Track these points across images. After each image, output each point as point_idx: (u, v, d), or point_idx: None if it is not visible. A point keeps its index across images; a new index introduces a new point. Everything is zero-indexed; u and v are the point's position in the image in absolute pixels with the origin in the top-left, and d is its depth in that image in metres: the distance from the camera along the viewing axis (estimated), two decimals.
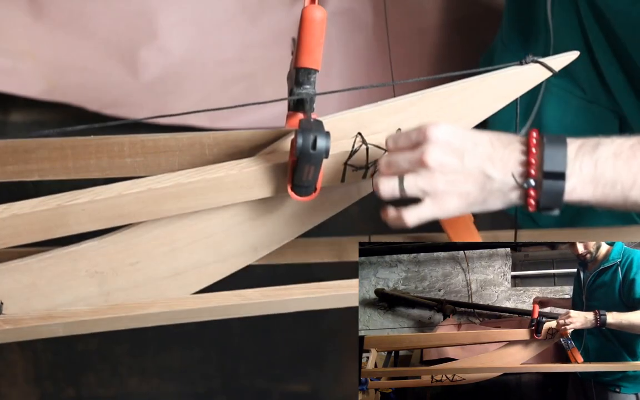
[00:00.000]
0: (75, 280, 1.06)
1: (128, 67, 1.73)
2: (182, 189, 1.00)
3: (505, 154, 0.92)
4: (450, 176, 0.93)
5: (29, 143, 1.06)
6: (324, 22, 1.00)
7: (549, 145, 0.90)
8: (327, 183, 1.04)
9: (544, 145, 0.91)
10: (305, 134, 0.95)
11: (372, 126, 1.04)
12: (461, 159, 0.92)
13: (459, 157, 0.92)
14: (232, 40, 1.76)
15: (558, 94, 1.34)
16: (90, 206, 0.98)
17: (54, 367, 2.04)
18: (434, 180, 0.93)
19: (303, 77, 1.02)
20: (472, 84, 1.06)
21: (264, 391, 2.09)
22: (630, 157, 0.90)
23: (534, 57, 1.05)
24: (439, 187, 0.93)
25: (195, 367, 2.07)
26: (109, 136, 1.05)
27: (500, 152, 0.92)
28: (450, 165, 0.92)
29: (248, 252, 1.09)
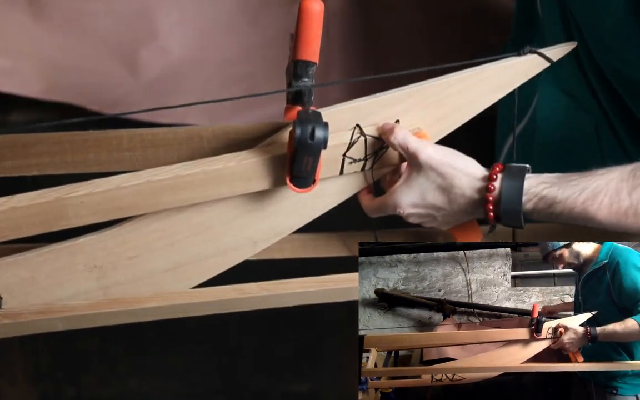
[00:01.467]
0: (74, 274, 1.05)
1: (128, 67, 1.73)
2: (180, 181, 1.00)
3: (467, 210, 1.08)
4: (433, 223, 1.11)
5: (28, 138, 1.06)
6: (321, 15, 1.00)
7: (505, 207, 1.05)
8: (326, 175, 1.04)
9: (500, 207, 1.05)
10: (303, 124, 0.95)
11: (371, 117, 1.05)
12: (432, 217, 1.09)
13: (431, 217, 1.09)
14: (232, 40, 1.76)
15: (548, 92, 1.35)
16: (89, 199, 0.98)
17: (54, 367, 2.04)
18: (424, 225, 1.11)
19: (301, 69, 1.02)
20: (470, 75, 1.06)
21: (264, 391, 2.09)
22: (581, 211, 1.03)
23: (531, 48, 1.05)
24: (428, 226, 1.11)
25: (195, 367, 2.06)
26: (108, 130, 1.05)
27: (460, 211, 1.08)
28: (429, 221, 1.10)
29: (247, 245, 1.09)
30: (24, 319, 1.00)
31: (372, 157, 1.07)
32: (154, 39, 1.73)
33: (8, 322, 1.00)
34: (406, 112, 1.05)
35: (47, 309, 1.01)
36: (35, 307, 1.02)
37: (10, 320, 1.00)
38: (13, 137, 1.06)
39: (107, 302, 1.03)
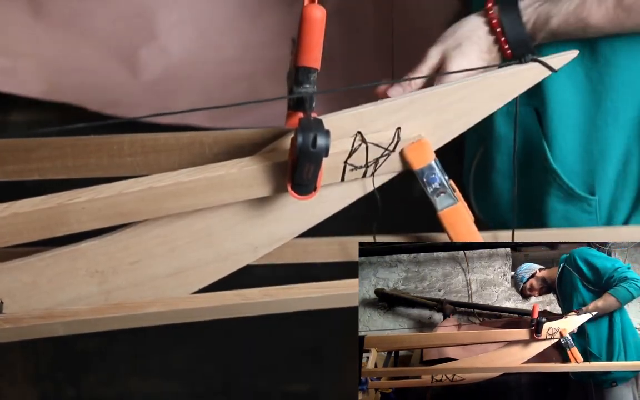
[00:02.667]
0: (75, 279, 1.05)
1: (128, 67, 1.73)
2: (182, 187, 1.00)
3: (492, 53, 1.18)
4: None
5: (29, 142, 1.06)
6: (323, 21, 1.00)
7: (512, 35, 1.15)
8: (327, 182, 1.04)
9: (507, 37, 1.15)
10: (305, 132, 0.95)
11: (372, 125, 1.04)
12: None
13: None
14: (232, 40, 1.76)
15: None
16: (91, 205, 0.98)
17: (54, 367, 2.04)
18: None
19: (303, 76, 1.02)
20: (472, 82, 1.06)
21: (264, 391, 2.09)
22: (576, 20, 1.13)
23: (533, 56, 1.05)
24: None
25: (195, 367, 2.07)
26: (109, 135, 1.05)
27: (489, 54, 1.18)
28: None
29: (248, 251, 1.09)
30: (25, 323, 1.00)
31: (373, 164, 1.06)
32: (154, 39, 1.73)
33: (9, 327, 1.00)
34: (408, 119, 1.05)
35: (48, 313, 1.01)
36: (36, 311, 1.02)
37: (12, 325, 1.00)
38: (15, 141, 1.06)
39: (109, 307, 1.03)
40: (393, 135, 1.05)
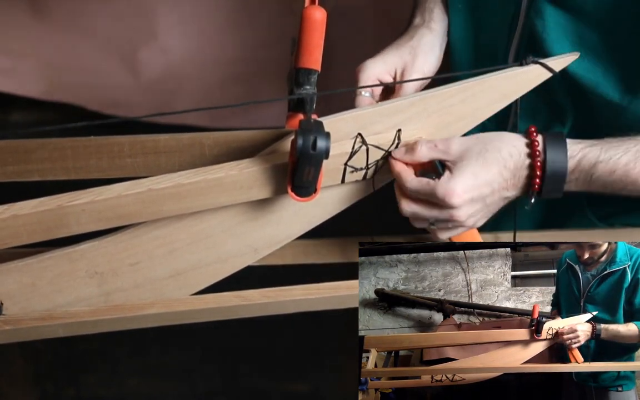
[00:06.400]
0: (75, 280, 1.05)
1: (128, 67, 1.73)
2: (182, 189, 1.00)
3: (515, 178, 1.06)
4: (477, 216, 1.06)
5: (29, 144, 1.06)
6: (324, 22, 1.00)
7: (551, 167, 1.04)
8: (327, 184, 1.04)
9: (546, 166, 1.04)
10: (305, 134, 0.94)
11: (372, 127, 1.04)
12: (483, 202, 1.05)
13: (482, 202, 1.05)
14: (232, 40, 1.76)
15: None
16: (91, 207, 0.98)
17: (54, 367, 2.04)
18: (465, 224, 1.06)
19: (303, 77, 1.02)
20: (472, 85, 1.06)
21: (264, 391, 2.09)
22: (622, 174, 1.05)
23: (533, 58, 1.05)
24: (469, 224, 1.07)
25: (195, 367, 2.07)
26: (109, 136, 1.05)
27: (511, 179, 1.05)
28: (476, 212, 1.06)
29: (248, 252, 1.09)
30: (25, 325, 1.00)
31: (373, 166, 1.06)
32: (154, 39, 1.73)
33: (9, 329, 1.00)
34: (408, 121, 1.05)
35: (48, 315, 1.01)
36: (36, 313, 1.02)
37: (12, 327, 1.00)
38: (15, 142, 1.06)
39: (108, 308, 1.03)
40: (394, 137, 1.06)
